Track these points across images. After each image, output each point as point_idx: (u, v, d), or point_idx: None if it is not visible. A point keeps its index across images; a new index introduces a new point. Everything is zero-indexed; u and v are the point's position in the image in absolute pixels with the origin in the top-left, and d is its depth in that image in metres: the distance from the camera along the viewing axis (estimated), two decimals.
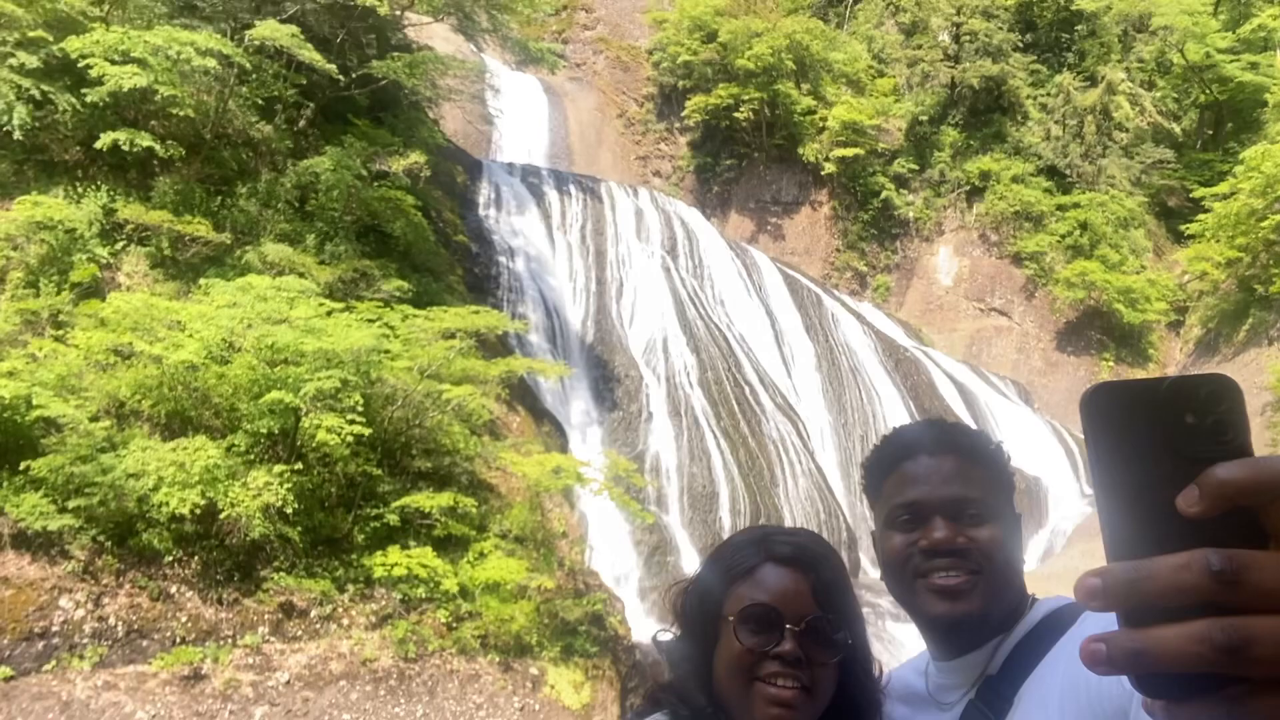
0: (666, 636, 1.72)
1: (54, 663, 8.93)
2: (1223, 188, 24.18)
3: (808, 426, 19.21)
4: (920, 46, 31.79)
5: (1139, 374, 26.75)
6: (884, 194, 29.32)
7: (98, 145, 12.12)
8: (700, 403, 17.89)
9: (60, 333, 10.97)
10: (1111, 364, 26.80)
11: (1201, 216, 24.67)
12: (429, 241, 16.47)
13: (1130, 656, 0.57)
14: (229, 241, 13.23)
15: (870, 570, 17.32)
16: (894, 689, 1.70)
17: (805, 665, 1.51)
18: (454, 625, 10.54)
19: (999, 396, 24.46)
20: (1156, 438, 0.60)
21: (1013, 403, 24.65)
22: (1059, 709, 1.36)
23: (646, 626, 13.10)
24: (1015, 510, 1.63)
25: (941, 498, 1.56)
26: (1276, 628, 0.54)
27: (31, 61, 11.98)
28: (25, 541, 9.31)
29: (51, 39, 12.14)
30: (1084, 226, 27.60)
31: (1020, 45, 31.01)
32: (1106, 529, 0.61)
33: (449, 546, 11.02)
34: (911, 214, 29.86)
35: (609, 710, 10.78)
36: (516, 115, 28.25)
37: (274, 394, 10.14)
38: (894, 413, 20.65)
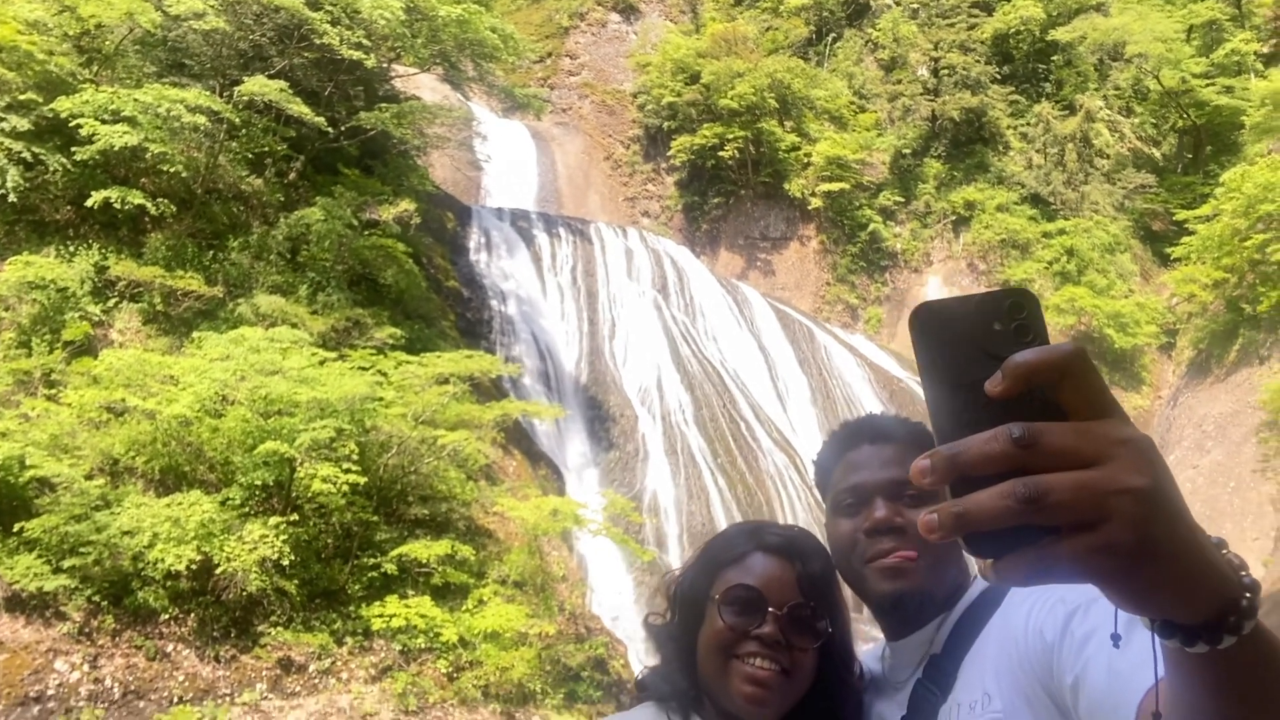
0: (657, 621, 1.77)
1: None
2: (1205, 210, 24.44)
3: (805, 460, 19.17)
4: (900, 81, 32.29)
5: (1134, 399, 26.82)
6: (871, 226, 29.57)
7: (89, 204, 12.19)
8: (696, 440, 17.86)
9: (53, 392, 10.95)
10: None
11: (1186, 239, 24.90)
12: (420, 288, 16.54)
13: (955, 519, 0.66)
14: (221, 295, 13.27)
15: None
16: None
17: (785, 649, 1.56)
18: (454, 675, 10.40)
19: None
20: (971, 342, 0.71)
21: None
22: (995, 676, 1.44)
23: None
24: None
25: (881, 480, 1.65)
26: (1066, 480, 0.64)
27: (22, 124, 12.09)
28: (20, 604, 9.20)
29: (42, 100, 12.26)
30: (1070, 253, 27.82)
31: (998, 77, 31.53)
32: (934, 421, 0.72)
33: (448, 595, 10.92)
34: (899, 245, 30.10)
35: None
36: (504, 161, 28.52)
37: (268, 445, 10.10)
38: None
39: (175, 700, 9.41)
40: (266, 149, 15.16)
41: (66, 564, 9.28)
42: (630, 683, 11.62)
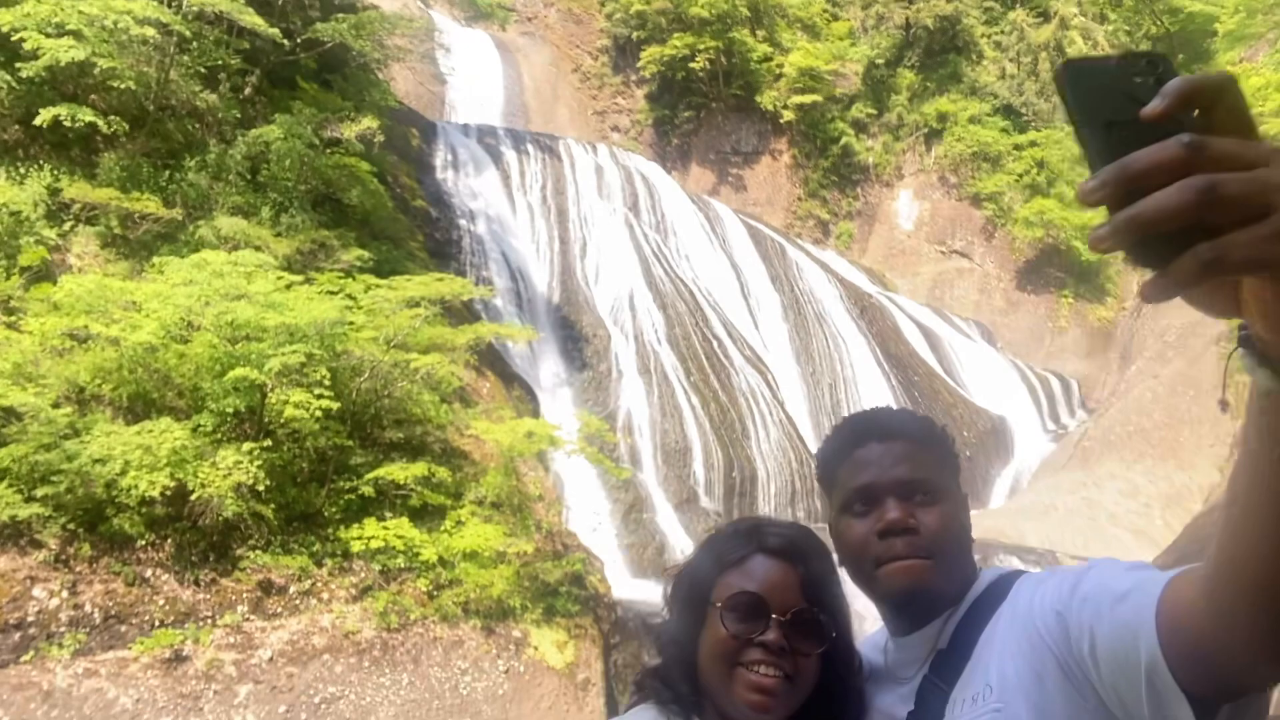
0: (658, 620, 1.75)
1: (32, 653, 8.85)
2: None
3: (776, 377, 19.34)
4: None
5: (1099, 310, 27.17)
6: (843, 140, 29.25)
7: (37, 122, 11.71)
8: (669, 359, 17.93)
9: (12, 319, 10.69)
10: (1071, 300, 27.21)
11: None
12: (387, 208, 16.20)
13: (1126, 223, 0.70)
14: (180, 217, 12.92)
15: None
16: None
17: (788, 655, 1.54)
18: (435, 594, 10.58)
19: (962, 338, 24.79)
20: (1118, 88, 0.76)
21: (976, 343, 25.00)
22: (998, 665, 1.45)
23: (626, 583, 13.25)
24: (962, 489, 1.71)
25: (892, 479, 1.62)
26: (1238, 175, 0.69)
27: None
28: None
29: None
30: (1041, 165, 27.79)
31: None
32: (1092, 160, 0.76)
33: (425, 516, 11.02)
34: (871, 159, 29.86)
35: (593, 667, 10.93)
36: (469, 74, 27.70)
37: (238, 371, 9.99)
38: (861, 359, 20.85)
39: (157, 624, 9.52)
40: (219, 63, 14.56)
41: (39, 492, 9.22)
42: (606, 596, 11.90)
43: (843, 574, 1.68)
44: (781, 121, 29.04)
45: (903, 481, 1.61)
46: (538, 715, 10.30)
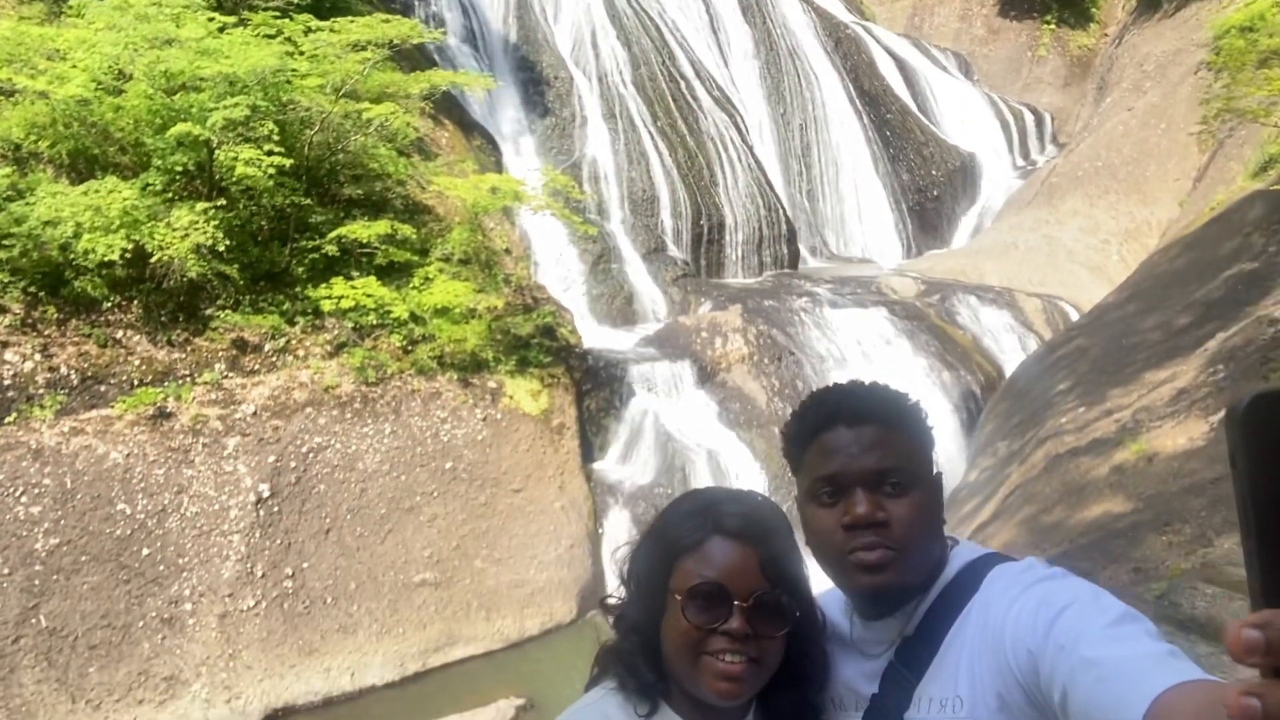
0: (613, 601, 1.71)
1: (14, 415, 9.03)
2: None
3: (746, 119, 18.74)
4: None
5: (1081, 38, 26.12)
6: None
7: None
8: (635, 103, 17.19)
9: None
10: (1053, 27, 26.07)
11: None
12: None
13: None
14: None
15: (810, 259, 17.82)
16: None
17: (753, 640, 1.52)
18: (409, 349, 10.78)
19: (939, 72, 23.91)
20: None
21: (953, 77, 24.17)
22: (969, 675, 1.44)
23: (596, 332, 13.57)
24: (936, 469, 1.64)
25: (861, 469, 1.54)
26: None
27: None
28: None
29: None
30: None
31: None
32: (1261, 570, 0.53)
33: (393, 273, 10.97)
34: None
35: (566, 413, 11.43)
36: None
37: (180, 127, 9.47)
38: (833, 97, 20.13)
39: (135, 383, 9.68)
40: None
41: None
42: (577, 347, 12.21)
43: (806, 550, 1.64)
44: None
45: (871, 471, 1.53)
46: (516, 457, 10.89)
